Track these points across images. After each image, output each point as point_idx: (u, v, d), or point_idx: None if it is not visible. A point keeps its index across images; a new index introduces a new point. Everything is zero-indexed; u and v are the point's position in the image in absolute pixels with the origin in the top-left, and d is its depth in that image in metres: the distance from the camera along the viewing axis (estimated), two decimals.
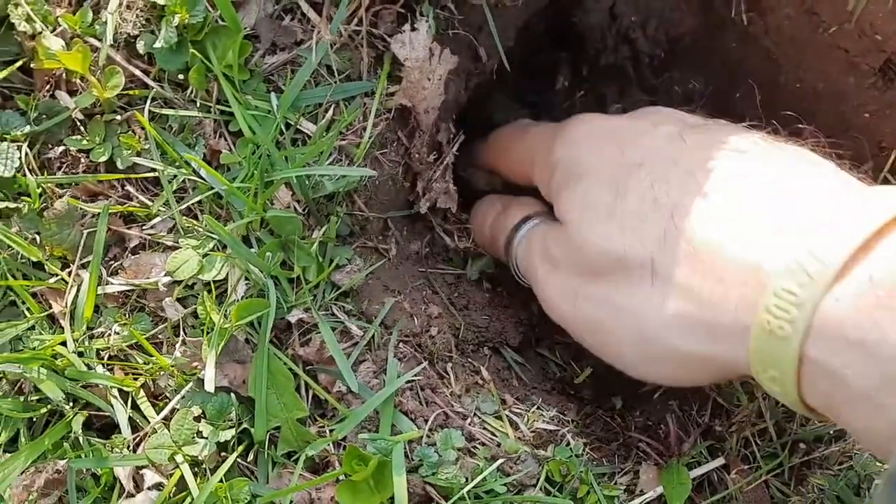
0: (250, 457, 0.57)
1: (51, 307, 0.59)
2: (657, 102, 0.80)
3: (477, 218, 0.73)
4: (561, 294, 0.57)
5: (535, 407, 0.64)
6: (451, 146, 0.72)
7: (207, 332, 0.57)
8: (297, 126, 0.61)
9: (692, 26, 0.76)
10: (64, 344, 0.57)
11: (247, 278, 0.58)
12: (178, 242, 0.59)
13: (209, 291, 0.58)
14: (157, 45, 0.58)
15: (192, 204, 0.60)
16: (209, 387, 0.54)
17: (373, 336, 0.62)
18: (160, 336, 0.60)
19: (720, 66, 0.78)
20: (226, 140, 0.61)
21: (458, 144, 0.72)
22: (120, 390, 0.57)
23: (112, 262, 0.61)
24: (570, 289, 0.56)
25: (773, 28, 0.71)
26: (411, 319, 0.65)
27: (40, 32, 0.58)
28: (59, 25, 0.60)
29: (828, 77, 0.71)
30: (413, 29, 0.61)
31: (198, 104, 0.60)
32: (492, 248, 0.70)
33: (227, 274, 0.59)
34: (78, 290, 0.59)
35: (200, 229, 0.59)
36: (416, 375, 0.61)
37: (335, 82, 0.61)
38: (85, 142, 0.60)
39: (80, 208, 0.59)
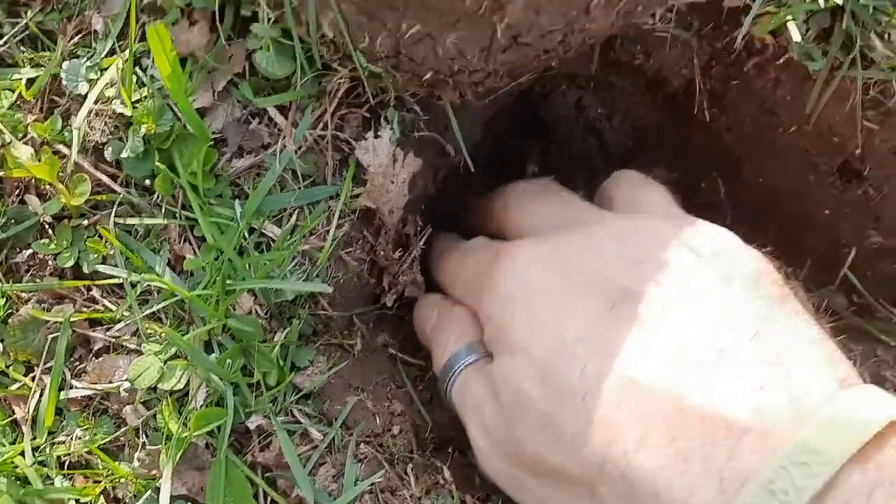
0: None
1: (14, 413, 0.59)
2: None
3: (416, 320, 0.71)
4: (498, 475, 0.56)
5: None
6: (419, 239, 0.73)
7: (166, 441, 0.57)
8: (262, 230, 0.62)
9: (657, 119, 0.77)
10: (23, 454, 0.57)
11: (207, 385, 0.59)
12: (141, 347, 0.60)
13: (168, 401, 0.58)
14: (124, 154, 0.59)
15: (157, 309, 0.60)
16: (164, 500, 0.54)
17: (333, 439, 0.62)
18: (122, 439, 0.60)
19: (685, 156, 0.79)
20: (191, 245, 0.62)
21: (426, 237, 0.73)
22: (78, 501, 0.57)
23: (77, 363, 0.62)
24: (508, 474, 0.55)
25: (735, 125, 0.72)
26: (373, 419, 0.65)
27: (9, 142, 0.59)
28: (29, 133, 0.61)
29: (788, 174, 0.72)
30: (376, 136, 0.62)
31: (164, 209, 0.61)
32: (433, 365, 0.67)
33: (189, 380, 0.59)
34: (41, 396, 0.59)
35: (164, 335, 0.60)
36: (375, 479, 0.61)
37: (300, 187, 0.62)
38: (52, 246, 0.61)
39: (44, 318, 0.59)
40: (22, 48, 0.65)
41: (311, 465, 0.60)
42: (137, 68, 0.61)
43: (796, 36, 0.59)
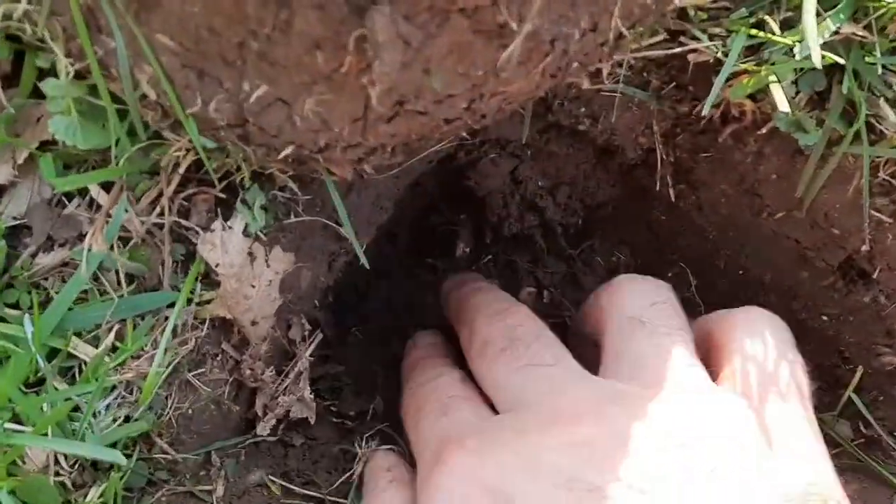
0: None
1: None
2: (576, 274, 0.67)
3: (365, 472, 0.57)
4: None
5: None
6: (307, 347, 0.57)
7: None
8: (70, 350, 0.46)
9: (612, 195, 0.62)
10: None
11: None
12: None
13: None
14: None
15: None
16: None
17: None
18: None
19: (649, 238, 0.64)
20: None
21: (316, 344, 0.57)
22: None
23: None
24: None
25: (708, 205, 0.58)
26: None
27: None
28: None
29: (776, 268, 0.57)
30: (226, 227, 0.47)
31: None
32: None
33: None
34: None
35: None
36: None
37: (120, 295, 0.46)
38: None
39: None
40: None
41: None
42: None
43: (782, 104, 0.45)
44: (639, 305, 0.48)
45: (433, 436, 0.48)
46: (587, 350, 0.50)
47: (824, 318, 0.55)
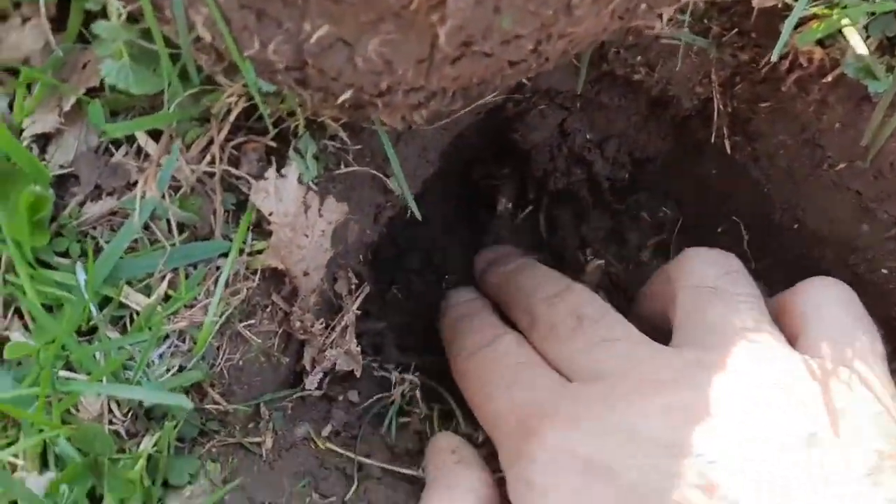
0: None
1: None
2: (621, 230, 0.65)
3: (427, 451, 0.56)
4: None
5: None
6: (354, 301, 0.56)
7: None
8: (122, 299, 0.45)
9: (662, 148, 0.61)
10: None
11: None
12: None
13: None
14: None
15: None
16: None
17: None
18: None
19: (698, 195, 0.63)
20: (21, 319, 0.45)
21: (362, 297, 0.57)
22: None
23: None
24: None
25: (765, 157, 0.56)
26: None
27: None
28: None
29: (834, 221, 0.55)
30: (280, 175, 0.46)
31: None
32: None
33: None
34: None
35: None
36: None
37: (172, 244, 0.45)
38: None
39: None
40: None
41: None
42: None
43: (860, 47, 0.43)
44: (713, 275, 0.47)
45: (511, 406, 0.48)
46: (645, 332, 0.49)
47: (884, 271, 0.54)
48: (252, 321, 0.49)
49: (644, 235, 0.66)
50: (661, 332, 0.48)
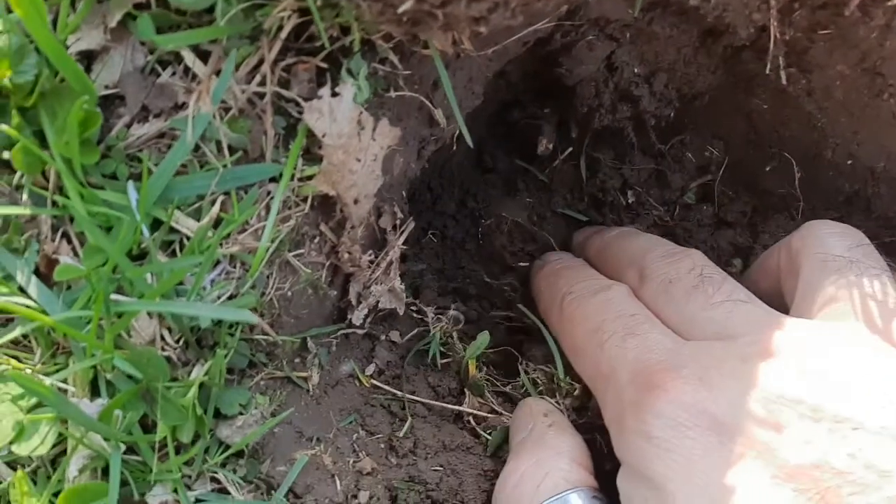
0: None
1: None
2: (663, 171, 0.64)
3: (511, 427, 0.54)
4: None
5: None
6: (398, 236, 0.55)
7: None
8: (172, 224, 0.44)
9: (712, 83, 0.59)
10: None
11: (85, 447, 0.41)
12: None
13: (31, 462, 0.41)
14: None
15: (18, 335, 0.42)
16: None
17: None
18: None
19: (747, 131, 0.61)
20: (70, 243, 0.44)
21: (408, 232, 0.55)
22: None
23: None
24: None
25: (821, 89, 0.55)
26: (332, 482, 0.48)
27: None
28: None
29: (891, 155, 0.54)
30: (334, 94, 0.44)
31: (29, 194, 0.43)
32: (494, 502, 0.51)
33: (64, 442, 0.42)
34: None
35: (29, 370, 0.42)
36: None
37: (225, 165, 0.44)
38: None
39: None
40: None
41: None
42: None
43: None
44: (845, 246, 0.46)
45: (626, 357, 0.46)
46: None
47: None
48: (301, 251, 0.48)
49: (688, 177, 0.65)
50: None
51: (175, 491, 0.42)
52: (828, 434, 0.36)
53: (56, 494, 0.40)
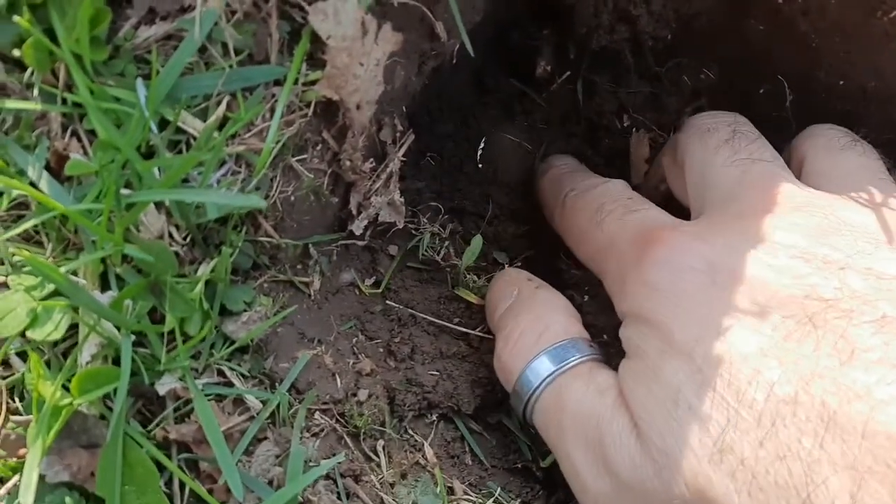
0: None
1: None
2: (659, 95, 0.65)
3: (489, 297, 0.57)
4: None
5: (493, 499, 0.49)
6: (398, 148, 0.56)
7: (38, 410, 0.41)
8: (180, 123, 0.45)
9: (709, 3, 0.60)
10: None
11: (98, 334, 0.42)
12: (7, 280, 0.43)
13: (42, 353, 0.42)
14: None
15: (30, 227, 0.44)
16: (26, 496, 0.39)
17: (277, 406, 0.47)
18: None
19: (742, 53, 0.62)
20: (80, 140, 0.45)
21: (408, 146, 0.56)
22: None
23: None
24: None
25: (816, 8, 0.55)
26: (333, 380, 0.50)
27: None
28: None
29: (882, 75, 0.55)
30: None
31: (40, 91, 0.44)
32: (497, 366, 0.53)
33: (76, 328, 0.43)
34: None
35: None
36: (333, 461, 0.46)
37: (230, 65, 0.45)
38: None
39: None
40: None
41: (245, 443, 0.45)
42: None
43: None
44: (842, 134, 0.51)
45: (627, 228, 0.49)
46: None
47: None
48: (304, 156, 0.49)
49: (684, 101, 0.66)
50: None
51: (182, 379, 0.44)
52: (817, 271, 0.39)
53: (69, 379, 0.42)
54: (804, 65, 0.58)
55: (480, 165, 0.70)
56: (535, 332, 0.49)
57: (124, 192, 0.43)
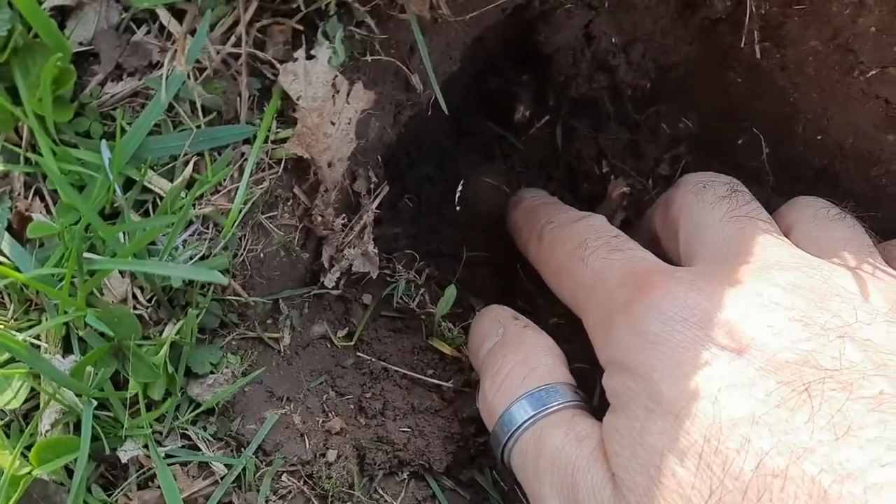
0: None
1: None
2: (638, 142, 0.65)
3: (472, 335, 0.55)
4: None
5: None
6: (372, 200, 0.55)
7: None
8: (145, 184, 0.44)
9: (688, 55, 0.60)
10: None
11: (58, 402, 0.41)
12: None
13: (2, 419, 0.41)
14: None
15: None
16: None
17: (243, 470, 0.46)
18: None
19: (721, 104, 0.62)
20: (43, 200, 0.44)
21: (382, 197, 0.56)
22: None
23: None
24: None
25: (794, 64, 0.55)
26: (301, 440, 0.49)
27: None
28: None
29: (859, 132, 0.55)
30: (309, 57, 0.44)
31: (2, 150, 0.43)
32: (480, 406, 0.52)
33: (37, 394, 0.42)
34: None
35: (2, 326, 0.43)
36: None
37: (198, 126, 0.44)
38: None
39: None
40: None
41: None
42: None
43: None
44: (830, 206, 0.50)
45: (614, 267, 0.47)
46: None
47: None
48: (274, 213, 0.49)
49: (662, 148, 0.66)
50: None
51: (146, 446, 0.43)
52: (815, 337, 0.38)
53: (29, 448, 0.41)
54: (782, 118, 0.58)
55: (458, 208, 0.70)
56: (520, 375, 0.48)
57: (88, 255, 0.42)
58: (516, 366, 0.49)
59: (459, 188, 0.70)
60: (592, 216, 0.54)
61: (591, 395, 0.50)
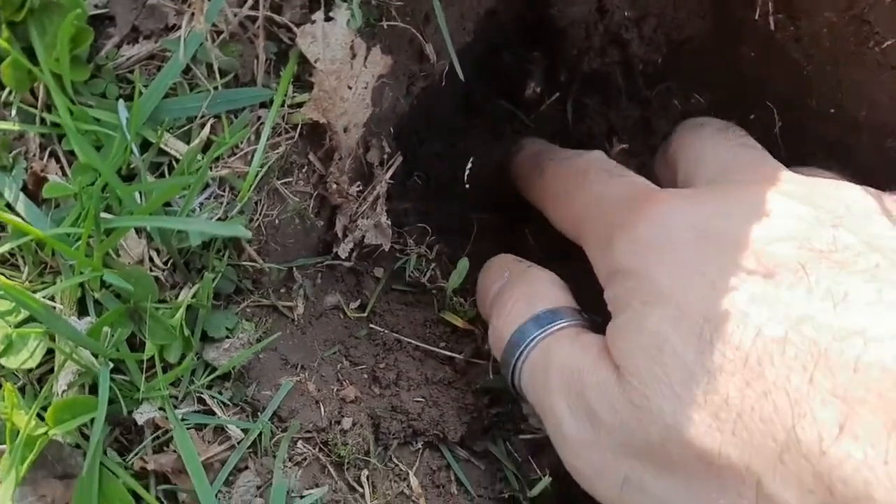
0: None
1: None
2: (649, 118, 0.65)
3: (480, 285, 0.56)
4: (599, 473, 0.42)
5: None
6: (386, 170, 0.55)
7: (12, 440, 0.40)
8: (162, 145, 0.44)
9: (701, 29, 0.60)
10: None
11: (74, 362, 0.41)
12: None
13: (17, 380, 0.41)
14: None
15: (6, 251, 0.42)
16: None
17: (259, 436, 0.46)
18: None
19: (732, 79, 0.61)
20: (58, 162, 0.44)
21: (395, 168, 0.56)
22: None
23: None
24: (615, 471, 0.41)
25: (808, 36, 0.55)
26: (316, 408, 0.49)
27: None
28: None
29: (873, 104, 0.55)
30: (328, 18, 0.44)
31: (18, 110, 0.43)
32: (491, 339, 0.52)
33: (53, 354, 0.42)
34: None
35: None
36: (316, 493, 0.45)
37: (215, 87, 0.44)
38: None
39: None
40: None
41: (226, 473, 0.44)
42: None
43: None
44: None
45: (615, 189, 0.49)
46: None
47: None
48: (289, 179, 0.48)
49: (673, 124, 0.65)
50: None
51: (162, 409, 0.43)
52: (809, 227, 0.40)
53: (45, 409, 0.41)
54: (795, 92, 0.58)
55: (468, 185, 0.69)
56: (526, 302, 0.49)
57: (104, 216, 0.41)
58: (522, 296, 0.50)
59: (469, 165, 0.69)
60: (592, 151, 0.55)
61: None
